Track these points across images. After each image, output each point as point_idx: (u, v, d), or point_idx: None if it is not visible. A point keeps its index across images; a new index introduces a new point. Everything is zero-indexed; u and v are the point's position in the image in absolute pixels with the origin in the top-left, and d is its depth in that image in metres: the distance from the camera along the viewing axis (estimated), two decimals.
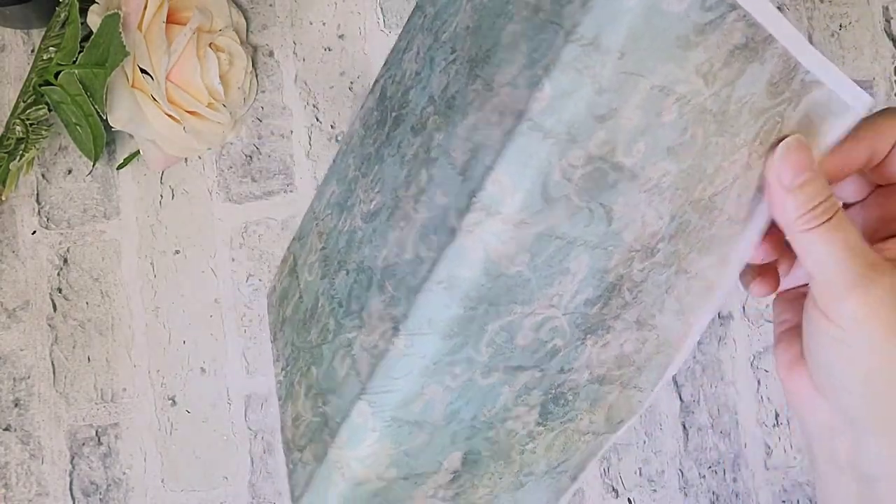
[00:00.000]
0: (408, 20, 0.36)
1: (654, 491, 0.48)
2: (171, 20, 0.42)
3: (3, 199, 0.44)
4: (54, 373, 0.46)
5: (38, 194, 0.47)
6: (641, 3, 0.24)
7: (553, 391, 0.32)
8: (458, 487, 0.32)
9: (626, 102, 0.25)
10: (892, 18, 0.49)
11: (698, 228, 0.30)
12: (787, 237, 0.29)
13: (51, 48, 0.41)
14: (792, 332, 0.32)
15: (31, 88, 0.42)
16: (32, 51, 0.47)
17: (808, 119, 0.30)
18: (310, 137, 0.47)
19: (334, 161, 0.38)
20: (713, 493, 0.48)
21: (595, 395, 0.33)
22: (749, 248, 0.31)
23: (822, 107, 0.30)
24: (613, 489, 0.47)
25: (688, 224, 0.30)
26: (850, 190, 0.33)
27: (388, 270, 0.29)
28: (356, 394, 0.28)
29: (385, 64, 0.37)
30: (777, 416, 0.48)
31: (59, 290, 0.46)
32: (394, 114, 0.33)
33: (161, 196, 0.47)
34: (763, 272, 0.33)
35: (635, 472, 0.48)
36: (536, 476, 0.34)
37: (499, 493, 0.33)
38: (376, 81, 0.36)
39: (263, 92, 0.47)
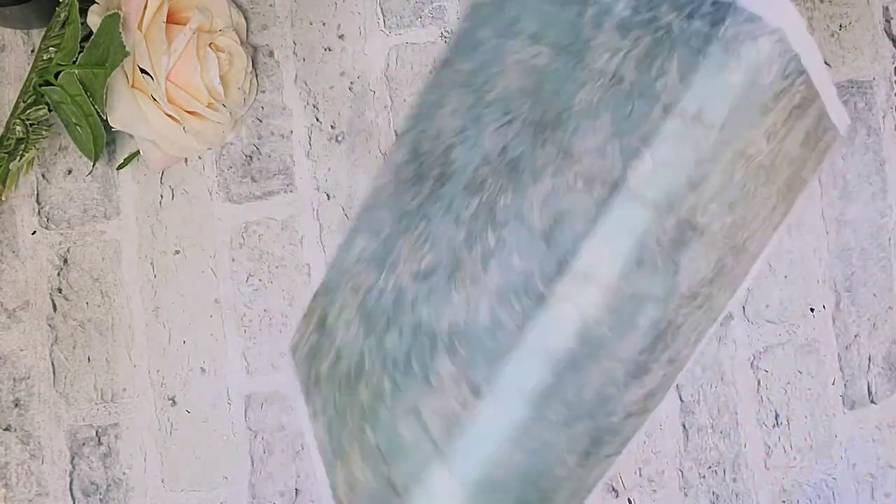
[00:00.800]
0: (434, 74, 0.36)
1: (654, 491, 0.48)
2: (171, 20, 0.42)
3: (3, 199, 0.44)
4: (54, 373, 0.46)
5: (38, 194, 0.47)
6: (746, 79, 0.24)
7: (597, 434, 0.32)
8: None
9: (715, 169, 0.26)
10: (892, 18, 0.49)
11: (729, 269, 0.31)
12: None
13: (51, 48, 0.41)
14: None
15: (31, 88, 0.42)
16: (32, 51, 0.47)
17: (819, 158, 0.31)
18: (310, 137, 0.47)
19: (359, 215, 0.38)
20: (713, 493, 0.48)
21: (620, 429, 0.33)
22: (753, 275, 0.32)
23: (828, 144, 0.31)
24: (613, 489, 0.47)
25: (724, 267, 0.30)
26: None
27: (458, 334, 0.29)
28: (430, 458, 0.28)
29: (412, 118, 0.37)
30: (777, 416, 0.48)
31: (59, 290, 0.46)
32: (436, 171, 0.33)
33: (161, 196, 0.47)
34: None
35: (635, 472, 0.48)
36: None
37: None
38: (403, 135, 0.37)
39: (263, 92, 0.47)
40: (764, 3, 0.24)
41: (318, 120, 0.47)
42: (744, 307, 0.48)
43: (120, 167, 0.46)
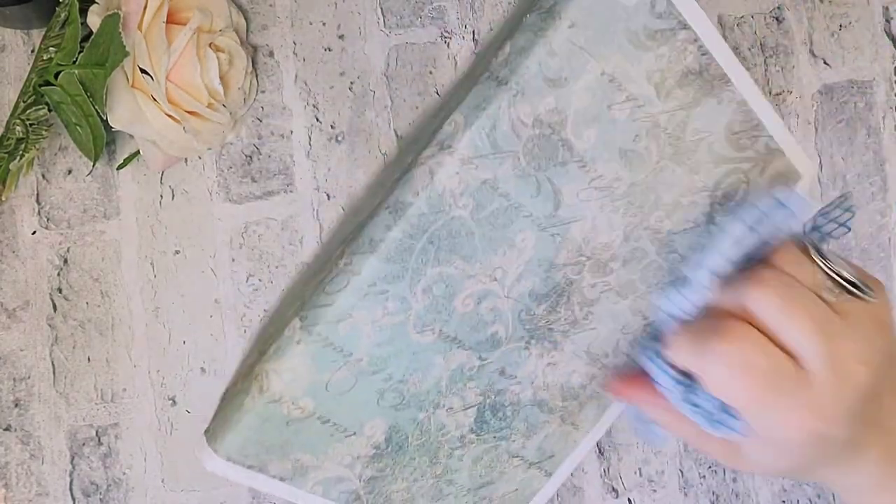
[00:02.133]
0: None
1: (654, 491, 0.48)
2: (171, 20, 0.42)
3: (3, 199, 0.44)
4: (54, 373, 0.46)
5: (38, 194, 0.47)
6: None
7: (493, 396, 0.32)
8: (377, 470, 0.32)
9: (576, 76, 0.27)
10: (892, 18, 0.49)
11: (656, 266, 0.32)
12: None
13: (51, 48, 0.41)
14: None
15: (31, 88, 0.42)
16: (32, 51, 0.47)
17: (771, 188, 0.32)
18: (310, 137, 0.47)
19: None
20: (713, 493, 0.48)
21: (534, 420, 0.34)
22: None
23: (783, 177, 0.32)
24: (613, 489, 0.47)
25: (644, 254, 0.31)
26: None
27: (355, 229, 0.30)
28: (294, 314, 0.29)
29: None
30: None
31: (59, 290, 0.46)
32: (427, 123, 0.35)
33: (161, 196, 0.47)
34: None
35: (635, 472, 0.48)
36: (457, 489, 0.34)
37: (416, 496, 0.33)
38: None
39: (263, 92, 0.47)
40: None
41: (318, 120, 0.47)
42: None
43: (120, 167, 0.46)
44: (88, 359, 0.46)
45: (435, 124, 0.29)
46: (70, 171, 0.47)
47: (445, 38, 0.48)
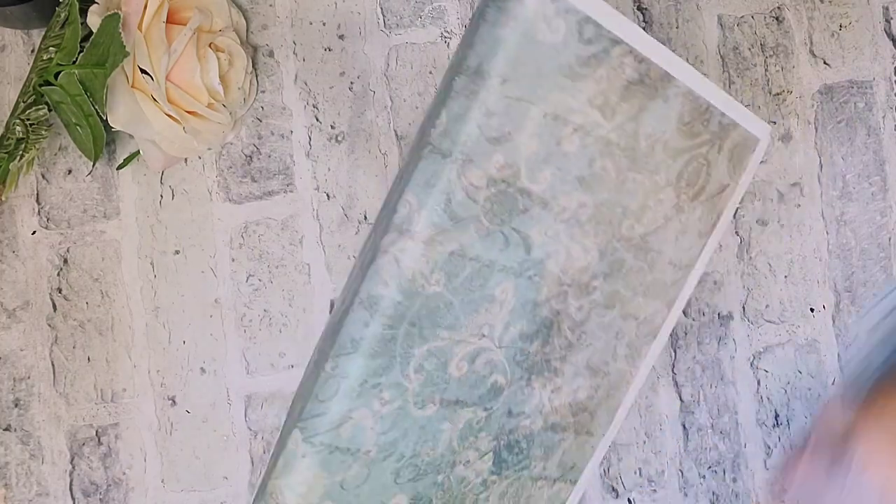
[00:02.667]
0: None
1: (654, 491, 0.48)
2: (171, 20, 0.42)
3: (3, 199, 0.44)
4: (54, 373, 0.46)
5: (38, 194, 0.47)
6: (514, 32, 0.26)
7: (505, 437, 0.32)
8: None
9: (519, 128, 0.27)
10: (892, 18, 0.49)
11: (636, 270, 0.32)
12: None
13: (51, 48, 0.41)
14: None
15: (31, 88, 0.42)
16: (32, 51, 0.47)
17: (731, 158, 0.32)
18: (310, 137, 0.47)
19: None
20: (713, 493, 0.48)
21: (549, 443, 0.33)
22: (691, 290, 0.33)
23: (740, 147, 0.32)
24: (613, 489, 0.47)
25: (622, 263, 0.31)
26: None
27: (337, 317, 0.30)
28: (292, 424, 0.29)
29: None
30: (777, 416, 0.48)
31: (59, 290, 0.46)
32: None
33: (161, 196, 0.47)
34: None
35: (635, 472, 0.48)
36: None
37: None
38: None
39: (263, 92, 0.47)
40: None
41: (318, 120, 0.47)
42: (744, 307, 0.48)
43: (120, 167, 0.46)
44: (88, 359, 0.46)
45: (391, 202, 0.29)
46: (70, 171, 0.47)
47: (445, 38, 0.48)
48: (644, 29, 0.48)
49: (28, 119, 0.42)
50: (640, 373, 0.35)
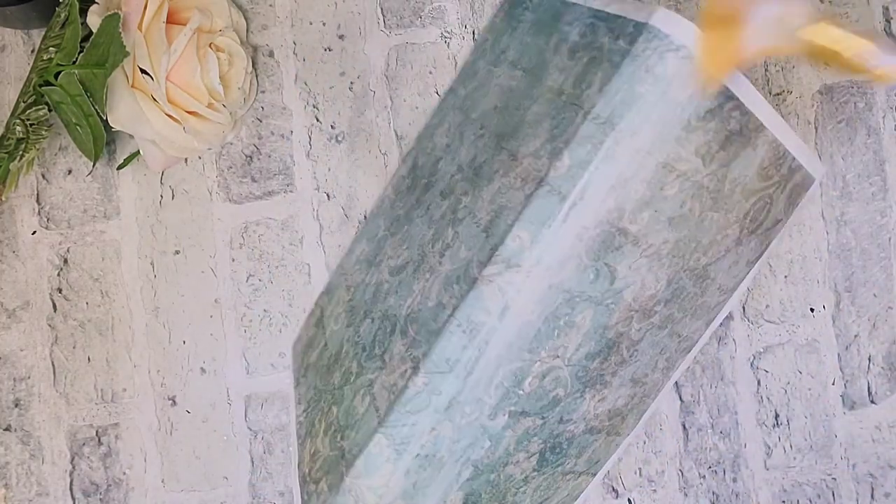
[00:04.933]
0: (441, 101, 0.40)
1: (654, 491, 0.48)
2: (171, 20, 0.42)
3: (3, 199, 0.44)
4: (54, 373, 0.46)
5: (38, 194, 0.47)
6: (653, 90, 0.27)
7: (552, 440, 0.34)
8: None
9: (634, 176, 0.28)
10: (892, 18, 0.49)
11: (692, 295, 0.33)
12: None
13: (51, 48, 0.41)
14: None
15: (31, 88, 0.42)
16: (32, 51, 0.47)
17: (790, 197, 0.34)
18: (310, 137, 0.47)
19: (365, 223, 0.41)
20: (713, 493, 0.48)
21: (585, 443, 0.36)
22: (729, 309, 0.36)
23: (799, 186, 0.34)
24: (613, 489, 0.47)
25: (682, 290, 0.33)
26: None
27: (411, 317, 0.31)
28: (374, 428, 0.30)
29: (417, 138, 0.40)
30: (777, 416, 0.48)
31: (59, 290, 0.46)
32: (424, 181, 0.36)
33: (161, 196, 0.47)
34: None
35: (635, 472, 0.48)
36: None
37: None
38: (408, 154, 0.40)
39: (263, 92, 0.47)
40: (674, 24, 0.27)
41: (318, 120, 0.47)
42: (744, 307, 0.48)
43: (120, 167, 0.46)
44: (88, 359, 0.46)
45: (470, 201, 0.31)
46: (70, 171, 0.47)
47: (445, 38, 0.48)
48: None
49: (28, 119, 0.42)
50: (671, 382, 0.37)
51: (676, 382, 0.48)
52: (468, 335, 0.29)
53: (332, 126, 0.47)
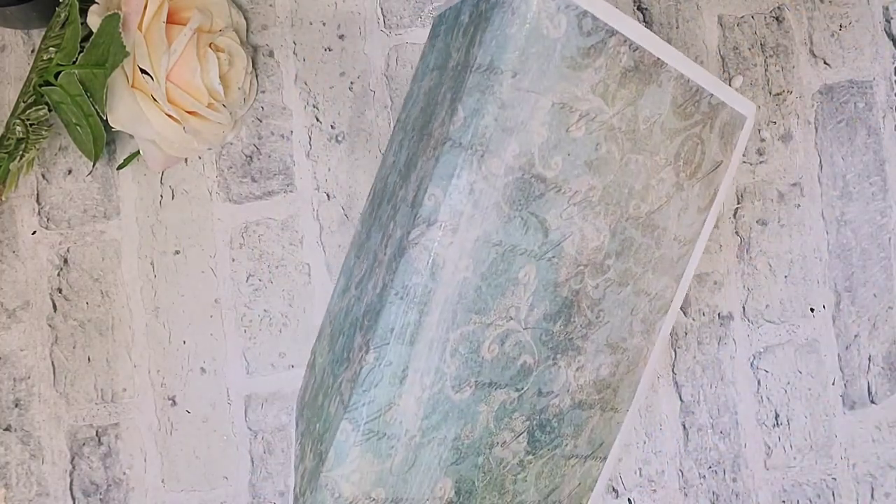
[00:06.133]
0: (393, 129, 0.42)
1: (654, 491, 0.48)
2: (171, 20, 0.42)
3: (3, 199, 0.44)
4: (54, 373, 0.46)
5: (38, 194, 0.47)
6: (521, 29, 0.29)
7: (537, 417, 0.34)
8: None
9: (530, 118, 0.29)
10: (892, 18, 0.49)
11: (645, 247, 0.34)
12: None
13: (51, 48, 0.41)
14: None
15: (31, 88, 0.42)
16: (32, 51, 0.47)
17: (722, 136, 0.35)
18: (310, 137, 0.47)
19: (343, 262, 0.42)
20: (713, 493, 0.48)
21: (578, 420, 0.36)
22: (696, 265, 0.36)
23: (729, 125, 0.35)
24: (613, 489, 0.47)
25: (632, 241, 0.34)
26: None
27: (366, 312, 0.32)
28: (340, 417, 0.31)
29: (378, 168, 0.42)
30: (777, 416, 0.48)
31: (59, 290, 0.46)
32: (377, 201, 0.37)
33: (161, 196, 0.47)
34: None
35: (635, 472, 0.48)
36: None
37: None
38: (370, 189, 0.42)
39: (263, 92, 0.47)
40: None
41: (318, 120, 0.47)
42: (744, 307, 0.48)
43: (120, 167, 0.46)
44: (88, 359, 0.46)
45: (403, 196, 0.31)
46: (70, 171, 0.47)
47: None
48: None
49: (28, 119, 0.42)
50: (656, 347, 0.37)
51: (676, 382, 0.48)
52: (405, 300, 0.29)
53: (332, 126, 0.47)
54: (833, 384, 0.48)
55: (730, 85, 0.49)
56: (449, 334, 0.30)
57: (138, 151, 0.46)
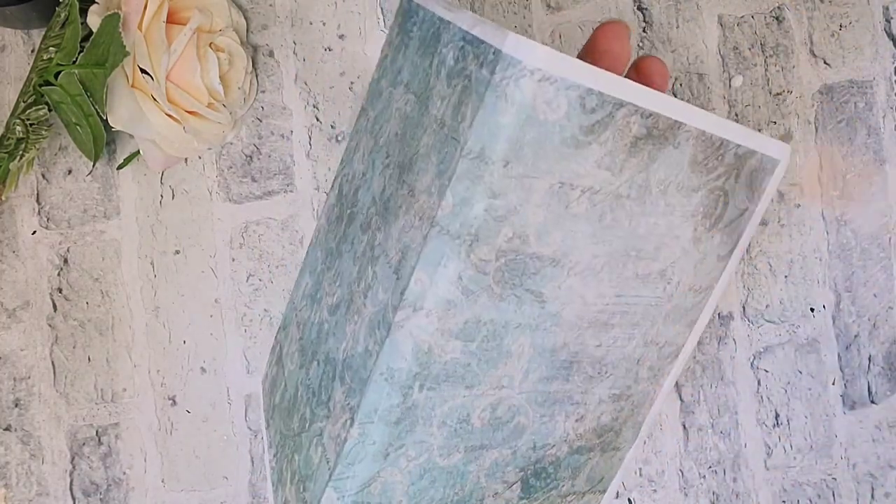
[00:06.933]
0: (356, 121, 0.39)
1: (654, 491, 0.48)
2: (171, 20, 0.42)
3: (3, 199, 0.44)
4: (54, 373, 0.46)
5: (38, 194, 0.47)
6: (515, 118, 0.26)
7: (532, 467, 0.33)
8: None
9: (525, 202, 0.28)
10: (892, 18, 0.49)
11: (655, 303, 0.32)
12: None
13: (51, 48, 0.41)
14: None
15: (31, 88, 0.42)
16: (32, 51, 0.47)
17: (751, 184, 0.32)
18: (310, 137, 0.47)
19: (307, 252, 0.41)
20: (713, 493, 0.48)
21: (576, 464, 0.35)
22: (713, 309, 0.34)
23: (758, 171, 0.33)
24: None
25: (640, 298, 0.32)
26: None
27: (346, 362, 0.31)
28: (325, 481, 0.30)
29: (340, 161, 0.40)
30: (777, 416, 0.48)
31: (59, 290, 0.46)
32: (348, 211, 0.36)
33: (161, 196, 0.47)
34: None
35: (635, 472, 0.48)
36: None
37: None
38: (336, 178, 0.40)
39: (263, 92, 0.47)
40: (526, 50, 0.26)
41: (318, 120, 0.47)
42: (744, 307, 0.48)
43: (120, 167, 0.46)
44: (88, 359, 0.46)
45: (382, 236, 0.31)
46: (70, 171, 0.47)
47: None
48: (644, 29, 0.48)
49: (28, 119, 0.42)
50: (664, 389, 0.36)
51: (676, 382, 0.48)
52: (390, 383, 0.28)
53: (332, 126, 0.47)
54: (833, 384, 0.48)
55: (730, 85, 0.49)
56: (435, 410, 0.29)
57: (138, 151, 0.46)
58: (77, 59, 0.41)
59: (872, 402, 0.49)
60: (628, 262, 0.31)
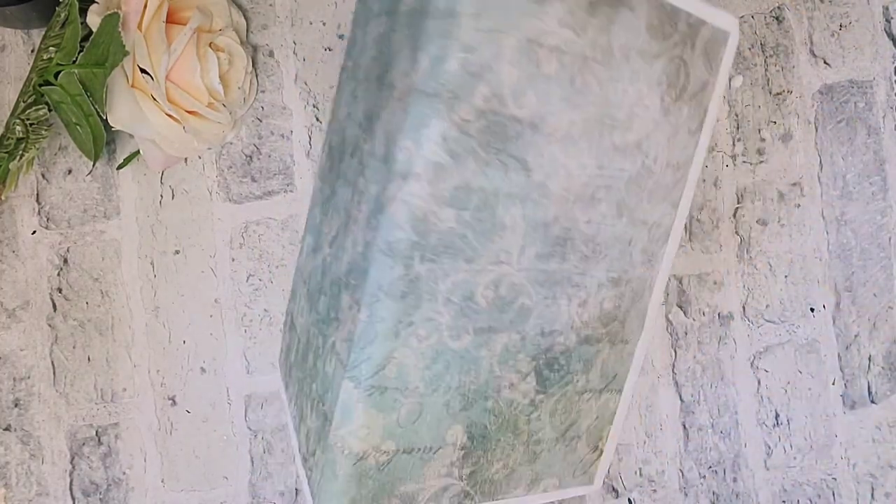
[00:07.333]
0: (338, 83, 0.40)
1: (654, 491, 0.48)
2: (171, 20, 0.42)
3: (3, 199, 0.44)
4: (54, 373, 0.46)
5: (38, 194, 0.47)
6: None
7: (543, 356, 0.34)
8: (473, 465, 0.34)
9: (497, 57, 0.28)
10: (892, 18, 0.49)
11: (636, 176, 0.34)
12: None
13: (51, 48, 0.41)
14: None
15: (31, 88, 0.42)
16: (32, 51, 0.47)
17: (707, 55, 0.34)
18: (310, 137, 0.47)
19: (307, 218, 0.42)
20: (713, 493, 0.48)
21: (587, 356, 0.36)
22: (693, 189, 0.35)
23: (712, 42, 0.34)
24: (613, 489, 0.47)
25: (622, 172, 0.33)
26: None
27: (349, 269, 0.31)
28: (341, 377, 0.31)
29: (327, 126, 0.41)
30: (777, 416, 0.48)
31: (59, 290, 0.46)
32: (337, 154, 0.37)
33: (161, 196, 0.47)
34: None
35: (635, 472, 0.48)
36: (547, 444, 0.36)
37: (515, 467, 0.35)
38: (324, 143, 0.41)
39: (263, 92, 0.47)
40: None
41: (318, 120, 0.47)
42: (744, 307, 0.48)
43: (120, 167, 0.46)
44: (88, 359, 0.46)
45: (369, 145, 0.31)
46: (70, 171, 0.47)
47: None
48: None
49: (28, 119, 0.42)
50: (660, 276, 0.37)
51: (676, 382, 0.48)
52: (391, 256, 0.29)
53: None
54: (833, 384, 0.48)
55: (730, 85, 0.49)
56: (439, 284, 0.30)
57: (138, 151, 0.46)
58: (77, 58, 0.41)
59: (872, 402, 0.49)
60: (604, 131, 0.32)
